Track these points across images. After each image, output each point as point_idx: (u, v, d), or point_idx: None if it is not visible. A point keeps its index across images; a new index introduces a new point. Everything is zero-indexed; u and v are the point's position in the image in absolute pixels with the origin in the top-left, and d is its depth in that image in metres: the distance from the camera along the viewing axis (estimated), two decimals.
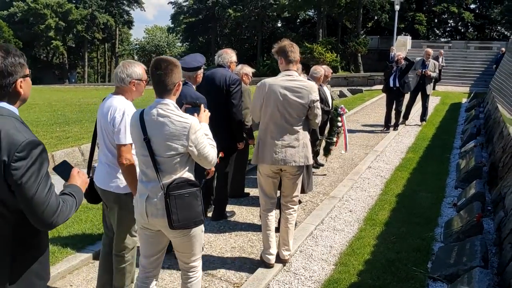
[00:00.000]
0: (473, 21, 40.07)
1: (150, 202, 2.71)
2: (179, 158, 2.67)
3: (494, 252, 4.36)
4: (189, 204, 2.67)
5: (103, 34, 52.23)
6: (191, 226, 2.72)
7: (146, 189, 2.74)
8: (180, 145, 2.63)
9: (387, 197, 6.05)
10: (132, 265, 3.44)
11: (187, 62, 4.07)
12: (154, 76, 2.68)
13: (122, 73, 3.11)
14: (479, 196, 5.31)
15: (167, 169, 2.67)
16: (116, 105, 3.08)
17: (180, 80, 2.78)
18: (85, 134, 8.10)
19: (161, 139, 2.64)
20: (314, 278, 3.93)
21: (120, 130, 3.03)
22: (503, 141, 7.08)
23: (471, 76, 22.92)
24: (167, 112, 2.65)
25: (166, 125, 2.63)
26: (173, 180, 2.66)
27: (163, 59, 2.73)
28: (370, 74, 23.73)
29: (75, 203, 1.99)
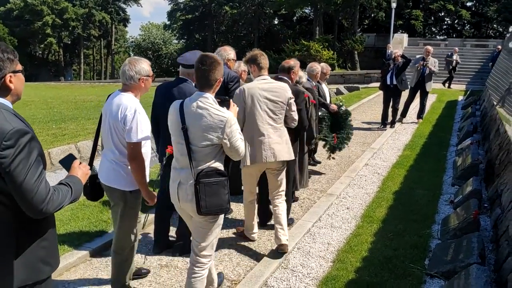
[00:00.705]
0: (469, 18, 40.17)
1: (182, 187, 2.94)
2: (212, 148, 2.89)
3: (491, 249, 4.37)
4: (217, 192, 2.87)
5: (99, 31, 52.02)
6: (218, 213, 2.95)
7: (178, 176, 2.98)
8: (215, 136, 2.85)
9: (384, 194, 6.06)
10: (131, 262, 3.45)
11: (186, 59, 4.03)
12: (199, 70, 2.91)
13: (131, 71, 3.14)
14: (475, 193, 5.33)
15: (199, 157, 2.89)
16: (127, 104, 3.09)
17: (221, 77, 2.97)
18: (81, 131, 8.07)
19: (198, 130, 2.86)
20: (312, 275, 3.94)
21: (132, 128, 3.05)
22: (500, 138, 7.10)
23: (468, 74, 22.95)
24: (206, 105, 2.87)
25: (204, 117, 2.84)
26: (203, 169, 2.87)
27: (208, 55, 2.95)
28: (367, 72, 23.75)
29: (70, 193, 2.00)
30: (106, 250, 4.37)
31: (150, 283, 3.79)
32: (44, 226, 2.00)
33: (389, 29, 29.83)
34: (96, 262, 4.15)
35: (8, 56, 1.92)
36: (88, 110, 11.05)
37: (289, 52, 28.86)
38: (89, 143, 7.28)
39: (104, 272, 3.96)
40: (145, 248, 4.39)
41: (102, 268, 4.03)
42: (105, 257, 4.23)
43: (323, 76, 7.12)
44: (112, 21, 52.15)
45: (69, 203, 2.02)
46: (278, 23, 45.29)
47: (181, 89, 3.97)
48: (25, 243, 1.94)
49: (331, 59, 29.92)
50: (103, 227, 4.72)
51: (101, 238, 4.49)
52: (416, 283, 3.78)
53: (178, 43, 56.23)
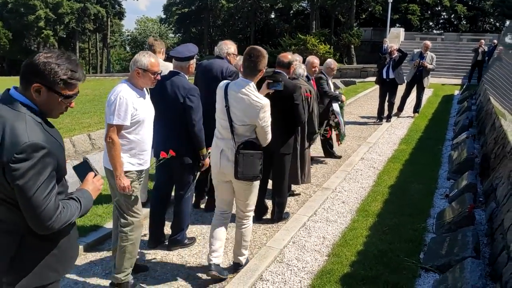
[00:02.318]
0: (466, 13, 40.14)
1: (224, 154, 3.48)
2: (250, 127, 3.42)
3: (485, 243, 4.39)
4: (252, 162, 3.41)
5: (94, 25, 51.68)
6: (251, 180, 3.48)
7: (221, 144, 3.51)
8: (252, 118, 3.37)
9: (380, 189, 6.07)
10: (134, 246, 3.45)
11: (179, 52, 4.00)
12: (246, 61, 3.40)
13: (133, 60, 3.34)
14: (471, 187, 5.34)
15: (239, 132, 3.43)
16: (116, 89, 3.30)
17: (264, 68, 3.42)
18: (76, 125, 8.02)
19: (238, 111, 3.39)
20: (307, 269, 3.94)
21: (110, 110, 3.24)
22: (495, 132, 7.11)
23: (464, 68, 22.96)
24: (248, 91, 3.37)
25: (245, 101, 3.36)
26: (243, 141, 3.41)
27: (256, 49, 3.43)
28: (363, 66, 23.69)
29: (78, 210, 1.96)
30: (101, 244, 4.37)
31: (145, 277, 3.78)
32: (55, 233, 1.92)
33: (385, 23, 29.77)
34: (91, 256, 4.14)
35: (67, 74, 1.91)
36: (83, 104, 10.98)
37: (286, 46, 28.78)
38: (84, 137, 7.25)
39: (99, 266, 3.95)
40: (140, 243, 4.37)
41: (97, 262, 4.02)
42: (100, 251, 4.22)
43: (330, 72, 7.27)
44: (107, 15, 51.84)
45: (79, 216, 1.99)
46: (275, 17, 45.12)
47: (174, 82, 3.94)
48: (33, 248, 1.90)
49: (327, 53, 29.85)
50: (98, 221, 4.70)
51: (96, 232, 4.48)
52: (411, 277, 3.78)
53: (174, 37, 56.08)
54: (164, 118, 3.89)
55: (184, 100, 3.88)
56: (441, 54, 23.77)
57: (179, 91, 3.89)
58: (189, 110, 3.89)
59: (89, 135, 7.37)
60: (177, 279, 3.77)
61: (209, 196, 5.27)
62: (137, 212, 3.46)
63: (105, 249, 4.27)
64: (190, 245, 4.35)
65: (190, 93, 3.89)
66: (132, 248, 3.46)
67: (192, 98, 3.89)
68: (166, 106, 3.92)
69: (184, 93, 3.88)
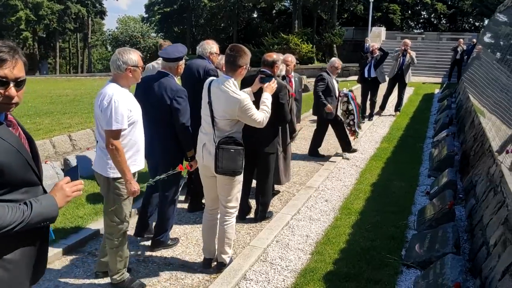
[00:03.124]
0: (445, 11, 40.72)
1: (206, 148, 3.61)
2: (230, 121, 3.53)
3: (465, 239, 4.46)
4: (233, 157, 3.48)
5: (75, 24, 50.87)
6: (231, 175, 3.55)
7: (204, 138, 3.63)
8: (231, 112, 3.48)
9: (362, 187, 6.12)
10: (122, 250, 3.46)
11: (168, 53, 3.97)
12: (226, 56, 3.52)
13: (119, 61, 3.21)
14: (451, 184, 5.42)
15: (220, 127, 3.54)
16: (107, 92, 3.19)
17: (245, 65, 3.52)
18: (56, 126, 7.89)
19: (218, 106, 3.51)
20: (291, 268, 3.95)
21: (106, 116, 3.14)
22: (474, 130, 7.23)
23: (444, 67, 23.29)
24: (227, 87, 3.46)
25: (224, 97, 3.47)
26: (223, 136, 3.50)
27: (237, 45, 3.58)
28: (345, 65, 23.76)
29: (25, 214, 1.71)
30: (82, 246, 4.31)
31: None
32: (6, 246, 1.74)
33: (367, 22, 30.02)
34: (71, 258, 4.08)
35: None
36: (64, 104, 10.81)
37: (268, 45, 28.83)
38: (64, 138, 7.14)
39: (80, 268, 3.90)
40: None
41: (79, 265, 3.97)
42: (82, 254, 4.16)
43: (334, 70, 7.35)
44: (88, 14, 51.11)
45: (24, 226, 1.71)
46: (257, 16, 45.08)
47: (162, 83, 3.91)
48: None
49: (310, 52, 30.02)
50: (78, 223, 4.64)
51: (77, 234, 4.42)
52: (393, 273, 3.82)
53: (157, 36, 55.57)
54: (150, 119, 3.84)
55: (171, 102, 3.85)
56: (421, 53, 24.08)
57: (166, 93, 3.86)
58: (176, 112, 3.87)
59: (70, 136, 7.27)
60: (159, 281, 3.74)
61: (192, 197, 5.25)
62: (125, 219, 3.43)
63: (86, 251, 4.22)
64: (173, 246, 4.33)
65: (177, 95, 3.86)
66: (122, 252, 3.47)
67: (179, 100, 3.87)
68: (152, 107, 3.88)
69: (172, 95, 3.85)
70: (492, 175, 4.73)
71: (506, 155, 4.36)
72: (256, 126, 3.63)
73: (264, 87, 3.84)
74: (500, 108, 5.93)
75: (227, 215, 3.77)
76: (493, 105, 6.55)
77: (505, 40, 9.37)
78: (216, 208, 3.88)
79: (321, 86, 7.23)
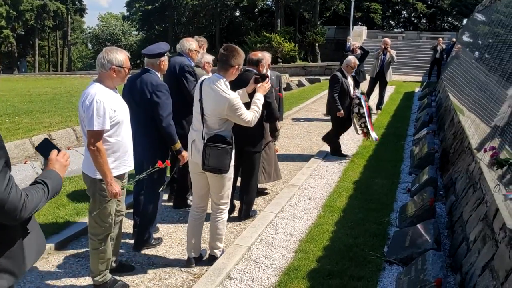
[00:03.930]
0: (425, 11, 41.29)
1: (195, 144, 3.66)
2: (219, 119, 3.57)
3: (446, 235, 4.54)
4: (220, 155, 3.53)
5: (54, 21, 50.01)
6: (216, 172, 3.59)
7: (194, 135, 3.68)
8: (220, 111, 3.52)
9: (345, 184, 6.17)
10: (105, 252, 3.43)
11: (150, 49, 4.05)
12: (219, 55, 3.56)
13: (103, 59, 3.19)
14: (431, 182, 5.50)
15: (209, 125, 3.58)
16: (89, 92, 3.15)
17: (237, 66, 3.57)
18: (36, 125, 7.76)
19: (208, 104, 3.55)
20: (275, 266, 3.96)
21: (88, 116, 3.11)
22: (454, 128, 7.36)
23: (424, 65, 23.61)
24: (217, 86, 3.51)
25: (213, 96, 3.52)
26: (212, 134, 3.55)
27: (231, 45, 3.64)
28: (327, 64, 23.98)
29: (46, 192, 1.90)
30: (64, 247, 4.26)
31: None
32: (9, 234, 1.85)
33: (349, 21, 30.27)
34: (53, 259, 4.02)
35: None
36: (44, 103, 10.64)
37: (251, 44, 28.81)
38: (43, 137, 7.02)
39: (61, 270, 3.85)
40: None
41: (61, 266, 3.92)
42: (63, 255, 4.11)
43: (350, 70, 7.25)
44: (67, 11, 50.30)
45: (47, 202, 1.93)
46: (240, 14, 45.06)
47: (143, 79, 3.98)
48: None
49: (292, 51, 30.11)
50: (60, 223, 4.58)
51: (58, 235, 4.36)
52: (375, 270, 3.87)
53: (138, 34, 55.04)
54: (135, 115, 3.87)
55: (151, 96, 3.90)
56: (402, 52, 24.40)
57: (147, 87, 3.92)
58: (156, 106, 3.90)
59: (50, 135, 7.16)
60: (143, 281, 3.72)
61: (177, 193, 5.25)
62: (110, 222, 3.41)
63: (68, 252, 4.17)
64: (156, 245, 4.31)
65: (157, 89, 3.91)
66: (104, 254, 3.43)
67: (159, 93, 3.90)
68: (135, 103, 3.94)
69: (152, 89, 3.90)
70: (471, 172, 4.82)
71: (484, 153, 4.44)
72: (245, 125, 3.68)
73: (257, 88, 3.86)
74: (479, 106, 6.04)
75: (218, 211, 3.82)
76: (472, 104, 6.68)
77: (483, 39, 9.55)
78: (203, 206, 3.90)
79: (336, 89, 7.23)
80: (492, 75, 6.25)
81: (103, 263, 3.44)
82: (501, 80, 5.46)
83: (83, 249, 4.21)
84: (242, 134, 4.18)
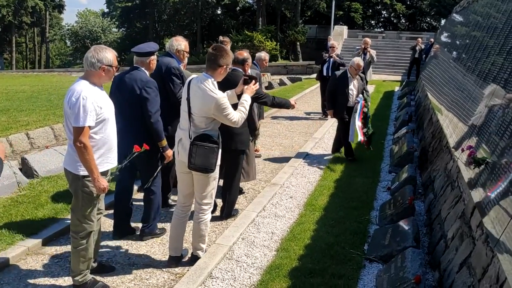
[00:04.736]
0: (404, 11, 41.83)
1: (182, 143, 3.66)
2: (206, 118, 3.58)
3: (425, 233, 4.61)
4: (206, 154, 3.55)
5: (32, 18, 49.02)
6: (202, 171, 3.60)
7: (181, 134, 3.68)
8: (207, 110, 3.53)
9: (326, 183, 6.21)
10: (86, 250, 3.41)
11: (140, 48, 4.15)
12: (208, 54, 3.60)
13: (93, 58, 3.20)
14: (411, 180, 5.58)
15: (196, 123, 3.59)
16: (75, 89, 3.16)
17: (225, 65, 3.60)
18: (13, 124, 7.60)
19: (196, 102, 3.56)
20: (256, 265, 3.97)
21: (74, 113, 3.11)
22: (432, 127, 7.47)
23: (403, 65, 23.91)
24: (205, 86, 3.52)
25: (201, 95, 3.53)
26: (199, 133, 3.56)
27: (220, 45, 3.67)
28: (309, 63, 24.13)
29: None
30: (42, 248, 4.19)
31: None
32: None
33: (330, 20, 30.43)
34: (31, 260, 3.95)
35: None
36: (21, 101, 10.43)
37: (233, 42, 28.72)
38: (22, 136, 6.89)
39: (40, 270, 3.79)
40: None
41: (39, 267, 3.85)
42: (42, 255, 4.04)
43: (353, 71, 7.11)
44: (45, 8, 49.36)
45: None
46: (221, 13, 44.85)
47: (132, 75, 4.08)
48: None
49: (274, 50, 30.14)
50: (39, 224, 4.50)
51: (36, 236, 4.28)
52: (356, 268, 3.91)
53: (118, 31, 54.37)
54: (123, 111, 3.98)
55: (140, 92, 4.00)
56: (382, 52, 24.64)
57: (136, 84, 4.02)
58: (145, 102, 4.00)
59: (28, 134, 7.02)
60: (124, 281, 3.68)
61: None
62: (92, 220, 3.40)
63: (46, 253, 4.10)
64: (161, 235, 4.49)
65: (147, 85, 4.02)
66: (85, 253, 3.41)
67: (148, 90, 4.02)
68: (124, 100, 4.03)
69: (141, 85, 4.01)
70: (449, 171, 4.90)
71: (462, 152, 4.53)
72: (231, 125, 3.70)
73: (244, 89, 3.89)
74: (457, 106, 6.15)
75: (201, 211, 3.81)
76: (450, 103, 6.79)
77: (461, 40, 9.71)
78: (188, 204, 3.91)
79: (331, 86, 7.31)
80: (469, 75, 6.37)
81: (84, 262, 3.41)
82: (478, 80, 5.57)
83: (62, 250, 4.15)
84: (226, 133, 4.17)
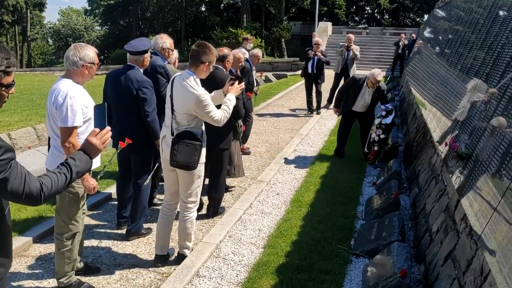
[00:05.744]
0: (388, 6, 42.11)
1: (165, 140, 3.69)
2: (188, 116, 3.58)
3: (410, 227, 4.65)
4: (188, 152, 3.54)
5: (13, 16, 48.22)
6: (184, 168, 3.59)
7: (165, 131, 3.71)
8: (188, 107, 3.53)
9: (312, 179, 6.23)
10: (71, 252, 3.37)
11: (133, 46, 4.11)
12: (191, 51, 3.61)
13: (75, 56, 3.16)
14: (396, 175, 5.63)
15: (178, 121, 3.60)
16: (61, 88, 3.12)
17: (208, 62, 3.56)
18: None
19: (178, 100, 3.58)
20: (244, 262, 3.96)
21: (61, 113, 3.08)
22: (416, 122, 7.54)
23: (387, 60, 24.06)
24: (187, 83, 3.53)
25: (183, 91, 3.54)
26: (182, 130, 3.57)
27: (204, 42, 3.69)
28: (294, 60, 24.09)
29: (67, 175, 1.97)
30: (26, 250, 4.13)
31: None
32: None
33: (314, 17, 30.48)
34: (15, 262, 3.88)
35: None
36: None
37: (217, 39, 28.61)
38: (3, 137, 6.76)
39: (24, 272, 3.73)
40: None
41: (22, 269, 3.79)
42: (25, 257, 3.98)
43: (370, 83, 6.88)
44: (26, 6, 48.58)
45: (70, 182, 2.02)
46: (206, 10, 44.60)
47: (128, 75, 4.07)
48: None
49: (259, 46, 30.04)
50: (22, 225, 4.43)
51: (20, 237, 4.22)
52: (343, 263, 3.93)
53: (101, 29, 53.73)
54: (119, 111, 4.04)
55: (137, 92, 4.01)
56: (366, 47, 24.79)
57: (132, 84, 4.02)
58: (142, 102, 4.04)
59: (9, 135, 6.92)
60: (109, 282, 3.65)
61: None
62: (77, 220, 3.37)
63: (30, 255, 4.03)
64: (147, 235, 4.46)
65: (142, 86, 4.03)
66: (70, 254, 3.38)
67: (145, 90, 4.04)
68: (120, 99, 4.05)
69: (137, 86, 4.02)
70: (433, 165, 4.95)
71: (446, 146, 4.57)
72: (213, 124, 3.67)
73: (229, 88, 3.89)
74: (440, 100, 6.21)
75: (186, 210, 3.81)
76: (433, 98, 6.85)
77: (444, 35, 9.81)
78: (175, 203, 3.91)
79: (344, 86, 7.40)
80: (452, 70, 6.43)
81: (69, 264, 3.37)
82: (461, 75, 5.63)
83: (47, 251, 4.09)
84: (210, 131, 4.15)
